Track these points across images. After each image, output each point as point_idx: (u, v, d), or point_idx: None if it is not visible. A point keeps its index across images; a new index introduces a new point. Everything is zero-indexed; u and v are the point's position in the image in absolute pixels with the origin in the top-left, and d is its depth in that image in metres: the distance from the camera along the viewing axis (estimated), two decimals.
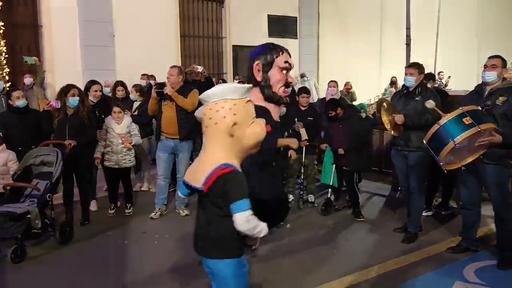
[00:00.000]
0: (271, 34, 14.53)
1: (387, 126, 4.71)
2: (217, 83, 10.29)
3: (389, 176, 7.02)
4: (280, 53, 3.58)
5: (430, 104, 4.03)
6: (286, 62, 3.14)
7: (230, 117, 1.97)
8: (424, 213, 5.35)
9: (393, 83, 14.27)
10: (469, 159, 3.89)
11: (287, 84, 3.27)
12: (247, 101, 2.05)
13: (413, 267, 4.14)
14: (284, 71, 3.15)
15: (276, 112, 3.41)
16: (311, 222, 5.51)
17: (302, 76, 13.97)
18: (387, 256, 4.36)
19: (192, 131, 5.66)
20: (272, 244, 4.78)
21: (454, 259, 4.26)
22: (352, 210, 5.75)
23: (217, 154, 2.00)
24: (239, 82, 8.36)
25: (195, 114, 2.27)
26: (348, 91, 11.29)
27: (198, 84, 7.50)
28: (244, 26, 13.72)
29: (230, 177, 1.95)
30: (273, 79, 3.64)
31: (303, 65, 15.66)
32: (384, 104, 4.80)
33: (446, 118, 3.77)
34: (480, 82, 4.26)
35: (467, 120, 3.68)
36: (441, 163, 3.88)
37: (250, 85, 2.10)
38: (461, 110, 3.75)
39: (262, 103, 3.67)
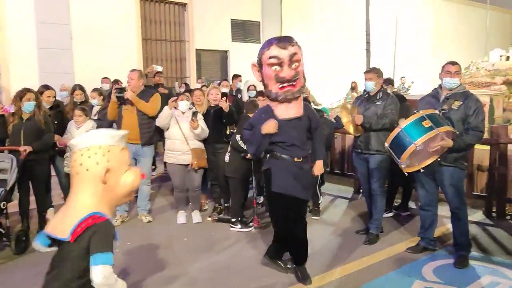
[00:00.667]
0: (234, 38, 14.55)
1: (347, 126, 4.83)
2: (179, 87, 10.20)
3: (352, 179, 7.15)
4: (266, 49, 3.55)
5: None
6: (271, 57, 3.04)
7: (103, 164, 1.87)
8: (385, 215, 5.46)
9: (353, 88, 14.59)
10: (428, 162, 4.04)
11: (279, 80, 3.23)
12: (122, 148, 1.96)
13: (374, 267, 4.22)
14: (275, 67, 3.08)
15: (284, 109, 3.52)
16: (269, 225, 5.50)
17: None
18: (349, 258, 4.42)
19: (153, 136, 5.58)
20: (234, 246, 4.77)
21: (413, 259, 4.37)
22: (311, 209, 5.82)
23: (87, 202, 1.86)
24: (202, 86, 8.32)
25: (156, 123, 2.20)
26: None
27: (161, 94, 7.43)
28: (207, 30, 13.68)
29: (100, 227, 1.81)
30: (265, 78, 3.64)
31: None
32: (348, 105, 5.01)
33: (406, 122, 3.90)
34: (435, 86, 4.41)
35: (426, 123, 3.82)
36: (402, 166, 4.00)
37: (126, 131, 2.05)
38: (421, 114, 3.89)
39: (270, 102, 3.71)
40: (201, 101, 5.74)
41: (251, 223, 5.37)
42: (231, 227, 5.36)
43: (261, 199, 6.02)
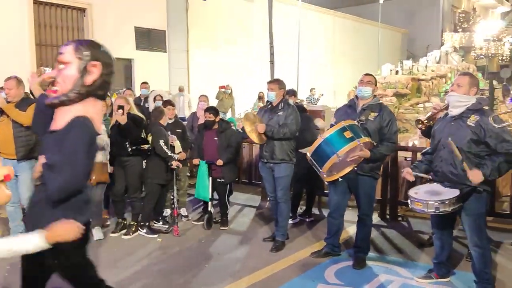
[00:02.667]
0: (139, 46, 14.17)
1: (250, 134, 4.92)
2: None
3: (259, 187, 7.27)
4: None
5: (318, 121, 4.28)
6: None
7: None
8: (290, 221, 5.62)
9: (260, 98, 14.94)
10: (346, 171, 4.17)
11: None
12: None
13: (280, 274, 4.30)
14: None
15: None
16: (183, 236, 5.42)
17: (180, 90, 13.84)
18: (257, 266, 4.46)
19: (33, 150, 5.02)
20: (139, 263, 4.58)
21: (317, 263, 4.53)
22: (220, 219, 5.82)
23: None
24: None
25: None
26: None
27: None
28: (109, 37, 13.10)
29: None
30: None
31: (173, 79, 15.54)
32: (250, 115, 5.11)
33: (328, 132, 4.01)
34: (340, 97, 4.65)
35: (348, 134, 3.95)
36: (324, 176, 4.12)
37: None
38: (342, 124, 4.01)
39: None
40: (103, 111, 5.45)
41: (169, 230, 5.51)
42: (139, 230, 5.39)
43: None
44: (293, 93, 6.44)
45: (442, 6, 33.63)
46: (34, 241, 1.86)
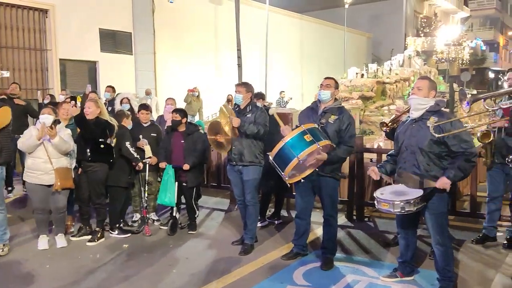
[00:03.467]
0: (104, 49, 13.88)
1: (224, 126, 4.89)
2: (43, 99, 9.31)
3: (228, 190, 7.24)
4: None
5: (272, 110, 4.34)
6: None
7: None
8: (259, 224, 5.63)
9: (229, 100, 14.93)
10: (307, 172, 4.27)
11: None
12: None
13: (249, 277, 4.29)
14: None
15: None
16: (150, 241, 5.34)
17: (148, 92, 13.64)
18: (225, 270, 4.44)
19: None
20: (102, 268, 4.47)
21: (285, 265, 4.55)
22: (188, 224, 5.77)
23: None
24: (66, 99, 7.71)
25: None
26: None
27: (16, 105, 6.74)
28: (73, 39, 12.83)
29: None
30: None
31: (140, 82, 15.32)
32: (227, 107, 5.10)
33: (289, 136, 4.09)
34: (308, 100, 4.71)
35: (307, 138, 4.05)
36: (286, 178, 4.18)
37: None
38: (303, 128, 4.10)
39: None
40: (68, 115, 5.35)
41: (140, 230, 5.59)
42: (110, 232, 5.39)
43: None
44: (261, 96, 6.45)
45: (405, 11, 34.63)
46: None
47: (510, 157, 3.98)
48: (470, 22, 47.78)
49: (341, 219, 6.13)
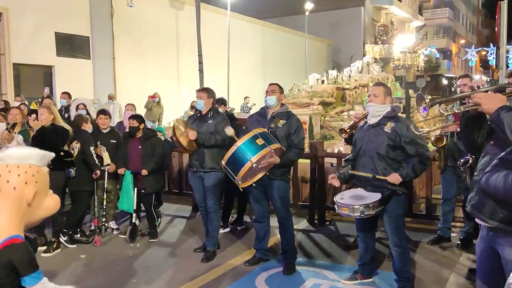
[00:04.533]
0: (60, 53, 13.47)
1: (181, 139, 4.84)
2: None
3: (190, 197, 7.17)
4: None
5: (228, 130, 4.32)
6: None
7: (32, 185, 1.72)
8: (221, 231, 5.60)
9: (193, 107, 14.80)
10: (259, 176, 4.31)
11: None
12: (48, 171, 1.85)
13: (211, 284, 4.26)
14: None
15: None
16: (109, 251, 5.20)
17: (110, 97, 13.31)
18: (187, 278, 4.39)
19: None
20: (63, 279, 4.31)
21: (248, 271, 4.54)
22: (148, 231, 5.66)
23: (5, 224, 1.69)
24: (20, 104, 7.43)
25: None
26: None
27: None
28: (28, 43, 12.38)
29: (21, 249, 1.70)
30: None
31: (99, 87, 14.96)
32: (177, 123, 5.06)
33: (241, 140, 4.10)
34: None
35: (259, 141, 4.10)
36: (239, 182, 4.18)
37: (53, 154, 1.85)
38: (254, 132, 4.14)
39: None
40: (18, 120, 5.15)
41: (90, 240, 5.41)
42: (60, 237, 5.25)
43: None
44: (223, 102, 6.46)
45: (364, 20, 35.60)
46: None
47: (462, 160, 4.15)
48: (424, 30, 49.72)
49: (303, 223, 6.20)
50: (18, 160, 1.74)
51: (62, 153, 5.06)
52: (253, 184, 4.35)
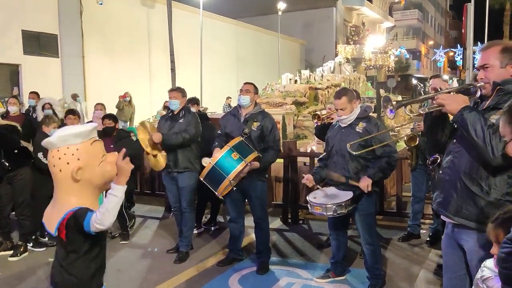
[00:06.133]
0: (27, 51, 13.08)
1: (143, 143, 4.77)
2: None
3: (163, 198, 7.08)
4: None
5: (204, 162, 4.28)
6: None
7: (74, 163, 1.98)
8: (195, 231, 5.55)
9: (166, 107, 14.65)
10: (237, 180, 4.27)
11: None
12: (93, 141, 2.07)
13: (184, 286, 4.22)
14: None
15: None
16: None
17: (74, 97, 12.99)
18: (160, 280, 4.33)
19: None
20: (31, 284, 4.20)
21: (221, 271, 4.52)
22: (119, 233, 5.57)
23: (67, 201, 2.01)
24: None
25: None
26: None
27: None
28: None
29: (74, 217, 1.98)
30: None
31: (68, 86, 14.60)
32: (147, 123, 4.98)
33: (217, 157, 4.10)
34: None
35: (235, 156, 4.10)
36: (220, 196, 4.21)
37: (95, 124, 2.13)
38: (228, 147, 4.13)
39: None
40: None
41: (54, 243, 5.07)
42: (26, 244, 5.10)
43: None
44: (195, 101, 6.40)
45: (335, 20, 36.04)
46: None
47: (431, 159, 4.24)
48: (395, 31, 50.74)
49: (277, 222, 6.22)
50: (58, 144, 2.00)
51: (16, 151, 4.91)
52: (234, 189, 4.33)
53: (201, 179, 4.26)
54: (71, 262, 2.11)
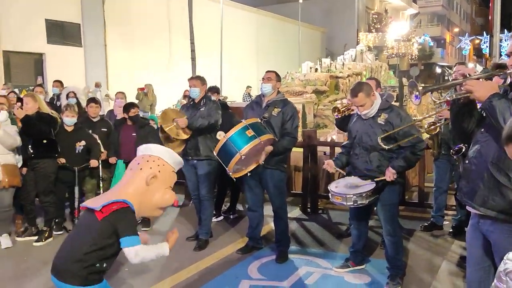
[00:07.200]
0: (50, 40, 13.27)
1: (170, 131, 4.79)
2: None
3: (183, 185, 7.13)
4: None
5: (219, 135, 4.28)
6: None
7: (154, 170, 2.29)
8: (214, 219, 5.58)
9: (186, 96, 14.72)
10: (253, 166, 4.27)
11: None
12: (173, 170, 2.39)
13: (204, 273, 4.26)
14: None
15: None
16: None
17: (97, 85, 13.18)
18: (179, 267, 4.38)
19: None
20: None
21: (240, 259, 4.55)
22: (141, 220, 5.65)
23: (124, 190, 2.26)
24: (8, 93, 7.31)
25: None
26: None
27: None
28: (17, 30, 12.19)
29: (124, 213, 2.19)
30: None
31: (90, 75, 14.79)
32: (168, 111, 5.02)
33: (231, 132, 4.07)
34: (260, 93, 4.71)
35: (249, 133, 4.06)
36: (230, 173, 4.16)
37: (183, 163, 2.51)
38: (244, 124, 4.10)
39: None
40: (3, 109, 5.10)
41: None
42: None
43: None
44: (216, 90, 6.40)
45: (357, 7, 35.40)
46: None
47: (455, 148, 4.14)
48: (418, 18, 49.58)
49: (296, 211, 6.21)
50: (154, 153, 2.34)
51: (44, 141, 5.01)
52: (248, 174, 4.33)
53: (215, 153, 4.24)
54: (86, 253, 2.20)
